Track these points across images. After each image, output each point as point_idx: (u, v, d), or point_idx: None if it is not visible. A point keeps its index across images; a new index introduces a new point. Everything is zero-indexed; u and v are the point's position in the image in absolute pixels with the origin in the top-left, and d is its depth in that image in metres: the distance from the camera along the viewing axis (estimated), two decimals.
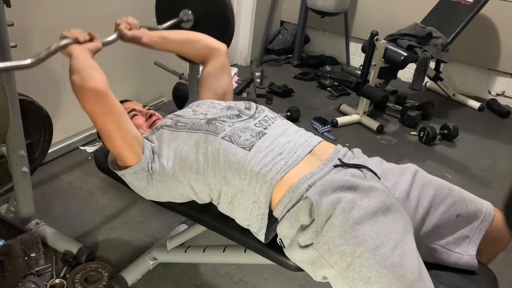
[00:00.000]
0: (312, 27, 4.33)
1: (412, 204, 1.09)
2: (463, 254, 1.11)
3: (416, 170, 1.17)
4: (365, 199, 1.00)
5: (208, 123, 1.19)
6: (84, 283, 1.59)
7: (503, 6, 3.46)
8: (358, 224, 0.95)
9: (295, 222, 1.02)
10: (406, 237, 0.98)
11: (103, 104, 1.10)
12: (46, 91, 2.15)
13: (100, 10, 2.34)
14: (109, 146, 1.18)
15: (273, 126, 1.21)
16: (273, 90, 3.42)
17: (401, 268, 0.92)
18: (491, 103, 3.57)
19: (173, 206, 1.27)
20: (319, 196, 0.99)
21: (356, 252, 0.93)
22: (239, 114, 1.25)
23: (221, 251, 1.38)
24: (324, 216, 0.98)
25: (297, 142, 1.16)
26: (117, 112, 1.13)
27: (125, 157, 1.18)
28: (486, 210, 1.13)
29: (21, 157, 1.65)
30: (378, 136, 2.97)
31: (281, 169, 1.07)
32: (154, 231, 1.90)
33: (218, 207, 1.18)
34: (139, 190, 1.24)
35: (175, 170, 1.16)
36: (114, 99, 1.13)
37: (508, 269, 1.81)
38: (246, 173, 1.08)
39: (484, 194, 1.21)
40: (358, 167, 1.11)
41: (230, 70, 1.53)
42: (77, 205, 2.03)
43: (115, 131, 1.14)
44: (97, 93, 1.09)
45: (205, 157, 1.13)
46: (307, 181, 1.04)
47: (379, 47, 2.83)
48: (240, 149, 1.11)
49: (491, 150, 2.96)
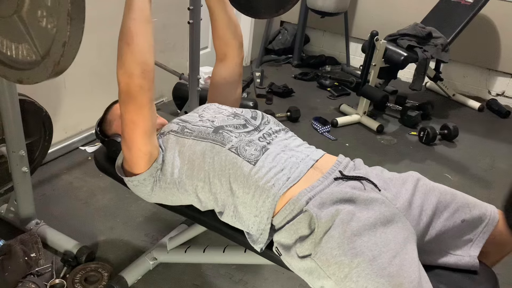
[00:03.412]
0: (312, 27, 4.32)
1: (415, 213, 1.09)
2: (464, 255, 1.11)
3: (418, 178, 1.16)
4: (364, 211, 1.00)
5: (215, 133, 1.18)
6: (84, 283, 1.59)
7: (503, 6, 3.46)
8: (356, 236, 0.96)
9: (294, 234, 1.03)
10: (407, 246, 0.98)
11: (140, 115, 1.12)
12: (46, 91, 2.15)
13: (100, 10, 2.34)
14: (125, 150, 1.18)
15: (276, 141, 1.21)
16: (273, 90, 3.42)
17: (399, 277, 0.92)
18: (491, 103, 3.57)
19: (173, 206, 1.27)
20: (318, 209, 1.00)
21: (354, 263, 0.94)
22: (245, 124, 1.25)
23: (221, 251, 1.39)
24: (323, 228, 0.98)
25: (299, 157, 1.16)
26: (149, 126, 1.14)
27: (135, 165, 1.17)
28: (490, 214, 1.13)
29: (21, 157, 1.65)
30: (378, 136, 2.97)
31: (283, 184, 1.08)
32: (154, 231, 1.90)
33: (220, 218, 1.17)
34: (143, 195, 1.24)
35: (181, 178, 1.16)
36: (152, 112, 1.14)
37: (508, 269, 1.81)
38: (250, 187, 1.08)
39: (484, 194, 1.21)
40: (359, 179, 1.11)
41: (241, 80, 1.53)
42: (77, 205, 2.03)
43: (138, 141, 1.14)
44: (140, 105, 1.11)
45: (212, 166, 1.13)
46: (307, 194, 1.04)
47: (379, 47, 2.83)
48: (246, 162, 1.11)
49: (491, 150, 2.95)
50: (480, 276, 1.11)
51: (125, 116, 1.13)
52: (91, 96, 2.43)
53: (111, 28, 1.40)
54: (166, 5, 2.77)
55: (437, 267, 1.11)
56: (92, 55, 2.35)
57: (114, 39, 1.26)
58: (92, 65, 2.36)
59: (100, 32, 2.28)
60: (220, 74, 1.48)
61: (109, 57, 2.53)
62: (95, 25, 2.35)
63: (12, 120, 1.56)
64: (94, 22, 2.33)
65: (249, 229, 1.11)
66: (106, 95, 2.44)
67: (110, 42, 1.43)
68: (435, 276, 1.05)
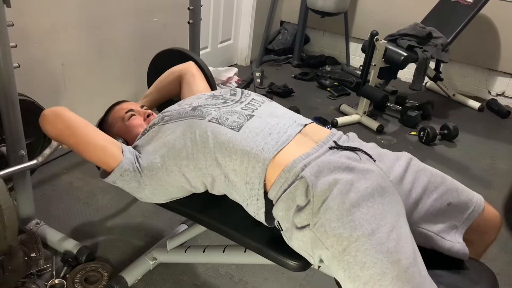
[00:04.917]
0: (312, 27, 4.33)
1: (406, 188, 1.11)
2: (454, 242, 1.12)
3: (410, 157, 1.19)
4: (361, 180, 1.00)
5: (194, 110, 1.20)
6: (84, 283, 1.59)
7: (503, 6, 3.46)
8: (355, 207, 0.95)
9: (292, 202, 1.01)
10: (400, 220, 0.99)
11: (62, 121, 1.23)
12: (46, 91, 2.15)
13: (100, 10, 2.34)
14: (87, 157, 1.23)
15: (261, 109, 1.22)
16: (273, 90, 3.42)
17: (396, 253, 0.93)
18: (491, 103, 3.57)
19: (173, 206, 1.27)
20: (315, 177, 0.99)
21: (353, 237, 0.93)
22: (224, 101, 1.26)
23: (221, 251, 1.38)
24: (320, 197, 0.97)
25: (286, 123, 1.16)
26: (78, 124, 1.23)
27: (106, 162, 1.20)
28: (476, 201, 1.16)
29: (21, 157, 1.65)
30: (378, 136, 2.97)
31: (272, 148, 1.07)
32: (154, 231, 1.90)
33: (216, 190, 1.17)
34: (133, 193, 1.24)
35: (164, 160, 1.16)
36: (72, 115, 1.24)
37: (508, 269, 1.81)
38: (236, 153, 1.07)
39: (484, 194, 1.21)
40: (354, 149, 1.11)
41: (202, 76, 1.60)
42: (77, 205, 2.03)
43: (84, 141, 1.22)
44: (53, 113, 1.24)
45: (194, 141, 1.13)
46: (302, 161, 1.03)
47: (379, 47, 2.83)
48: (229, 129, 1.11)
49: (491, 150, 2.96)
50: (480, 276, 1.11)
51: (49, 133, 1.27)
52: (91, 96, 2.43)
53: (111, 28, 1.40)
54: (166, 5, 2.78)
55: (437, 267, 1.11)
56: (92, 55, 2.35)
57: (114, 39, 1.27)
58: (92, 65, 2.37)
59: (100, 32, 2.28)
60: (182, 87, 1.60)
61: (109, 57, 2.54)
62: (95, 25, 2.35)
63: (12, 120, 1.56)
64: (94, 22, 2.33)
65: (245, 199, 1.10)
66: (106, 95, 2.45)
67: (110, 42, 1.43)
68: (434, 276, 1.05)
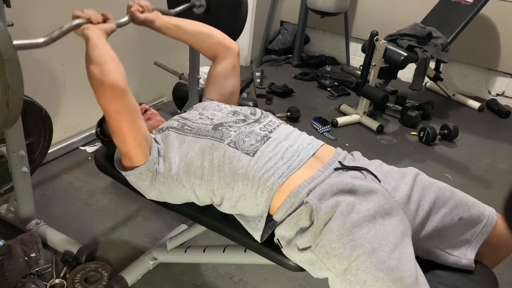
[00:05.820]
0: (312, 27, 4.33)
1: (413, 208, 1.09)
2: (461, 257, 1.10)
3: (417, 173, 1.16)
4: (363, 202, 1.00)
5: (215, 130, 1.19)
6: (84, 283, 1.59)
7: (503, 6, 3.46)
8: (355, 228, 0.96)
9: (295, 225, 1.02)
10: (404, 240, 0.98)
11: (121, 102, 1.09)
12: (46, 91, 2.15)
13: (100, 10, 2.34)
14: (119, 144, 1.17)
15: (278, 130, 1.21)
16: (273, 90, 3.42)
17: (398, 271, 0.92)
18: (491, 103, 3.57)
19: (173, 206, 1.27)
20: (319, 201, 1.00)
21: (353, 256, 0.93)
22: (244, 119, 1.25)
23: (221, 251, 1.38)
24: (323, 219, 0.98)
25: (300, 146, 1.16)
26: (133, 111, 1.12)
27: (133, 157, 1.17)
28: (489, 215, 1.12)
29: (21, 157, 1.65)
30: (378, 136, 2.97)
31: (283, 173, 1.07)
32: (154, 231, 1.90)
33: (219, 209, 1.18)
34: (142, 190, 1.24)
35: (179, 174, 1.16)
36: (131, 97, 1.11)
37: (508, 269, 1.80)
38: (249, 179, 1.08)
39: (484, 194, 1.21)
40: (359, 169, 1.11)
41: (239, 71, 1.50)
42: (77, 205, 2.03)
43: (128, 130, 1.12)
44: (116, 91, 1.07)
45: (211, 163, 1.13)
46: (307, 186, 1.04)
47: (379, 47, 2.83)
48: (244, 155, 1.11)
49: (491, 150, 2.95)
50: (480, 276, 1.10)
51: (107, 108, 1.11)
52: (91, 96, 2.41)
53: None
54: None
55: (437, 267, 1.11)
56: None
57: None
58: None
59: None
60: (215, 69, 1.48)
61: None
62: None
63: None
64: None
65: (248, 216, 1.11)
66: None
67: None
68: (435, 276, 1.05)
